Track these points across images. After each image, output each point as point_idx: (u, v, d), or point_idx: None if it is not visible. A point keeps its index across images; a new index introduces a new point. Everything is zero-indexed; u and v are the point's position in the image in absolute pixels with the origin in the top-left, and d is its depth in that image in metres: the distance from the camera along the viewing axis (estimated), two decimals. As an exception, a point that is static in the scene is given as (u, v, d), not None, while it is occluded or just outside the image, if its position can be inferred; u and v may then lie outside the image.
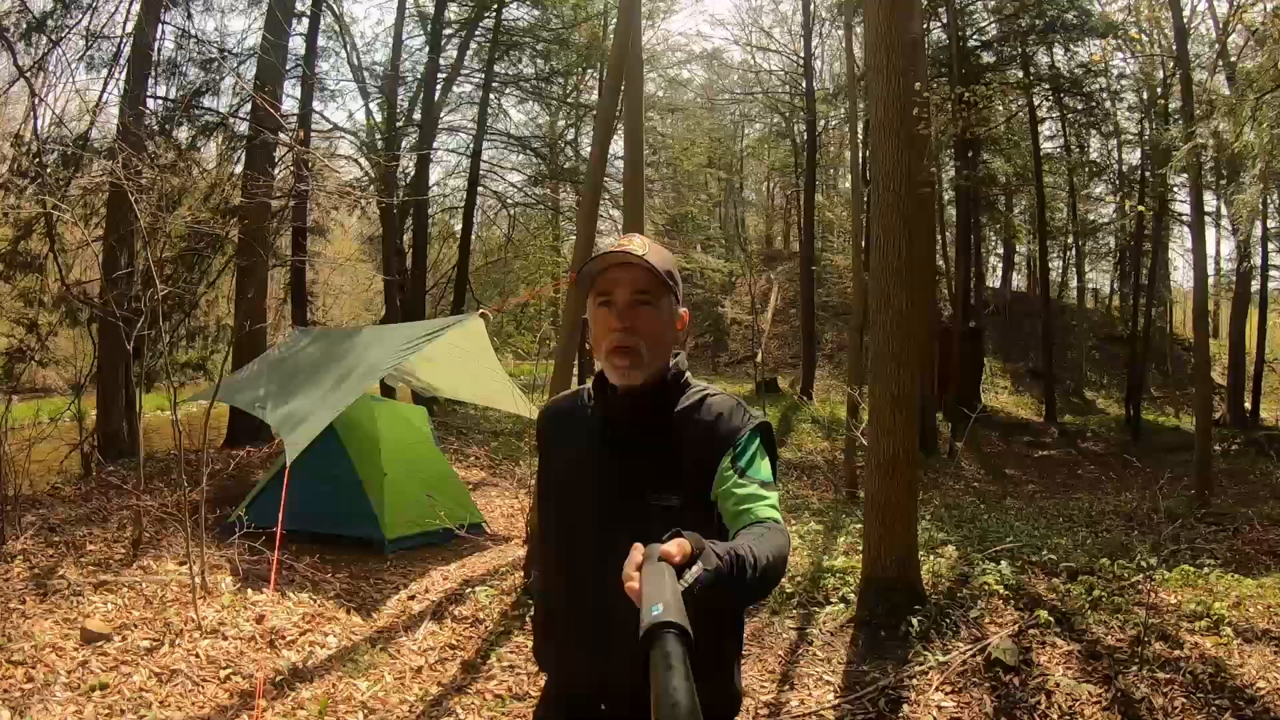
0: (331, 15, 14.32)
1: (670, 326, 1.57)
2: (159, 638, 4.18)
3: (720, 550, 1.12)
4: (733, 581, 1.11)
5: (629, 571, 1.04)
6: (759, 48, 20.90)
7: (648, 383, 1.55)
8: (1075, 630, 4.29)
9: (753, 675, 4.21)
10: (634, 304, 1.51)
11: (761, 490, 1.42)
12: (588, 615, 1.53)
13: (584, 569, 1.53)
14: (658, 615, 0.94)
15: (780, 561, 1.27)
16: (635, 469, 1.52)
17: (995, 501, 8.65)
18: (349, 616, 5.06)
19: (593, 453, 1.59)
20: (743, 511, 1.39)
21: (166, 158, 9.77)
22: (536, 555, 1.56)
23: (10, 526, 5.29)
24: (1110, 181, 19.82)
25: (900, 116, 4.77)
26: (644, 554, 1.06)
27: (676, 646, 0.91)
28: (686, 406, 1.56)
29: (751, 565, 1.16)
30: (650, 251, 1.51)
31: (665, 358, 1.57)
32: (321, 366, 6.79)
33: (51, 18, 9.47)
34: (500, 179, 19.48)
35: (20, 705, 3.37)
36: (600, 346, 1.55)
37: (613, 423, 1.59)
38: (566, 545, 1.63)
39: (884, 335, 4.87)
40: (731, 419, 1.52)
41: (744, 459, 1.46)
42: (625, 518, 1.46)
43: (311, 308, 14.17)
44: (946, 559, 5.53)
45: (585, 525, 1.58)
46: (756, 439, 1.52)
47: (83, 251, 9.19)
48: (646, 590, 1.00)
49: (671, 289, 1.55)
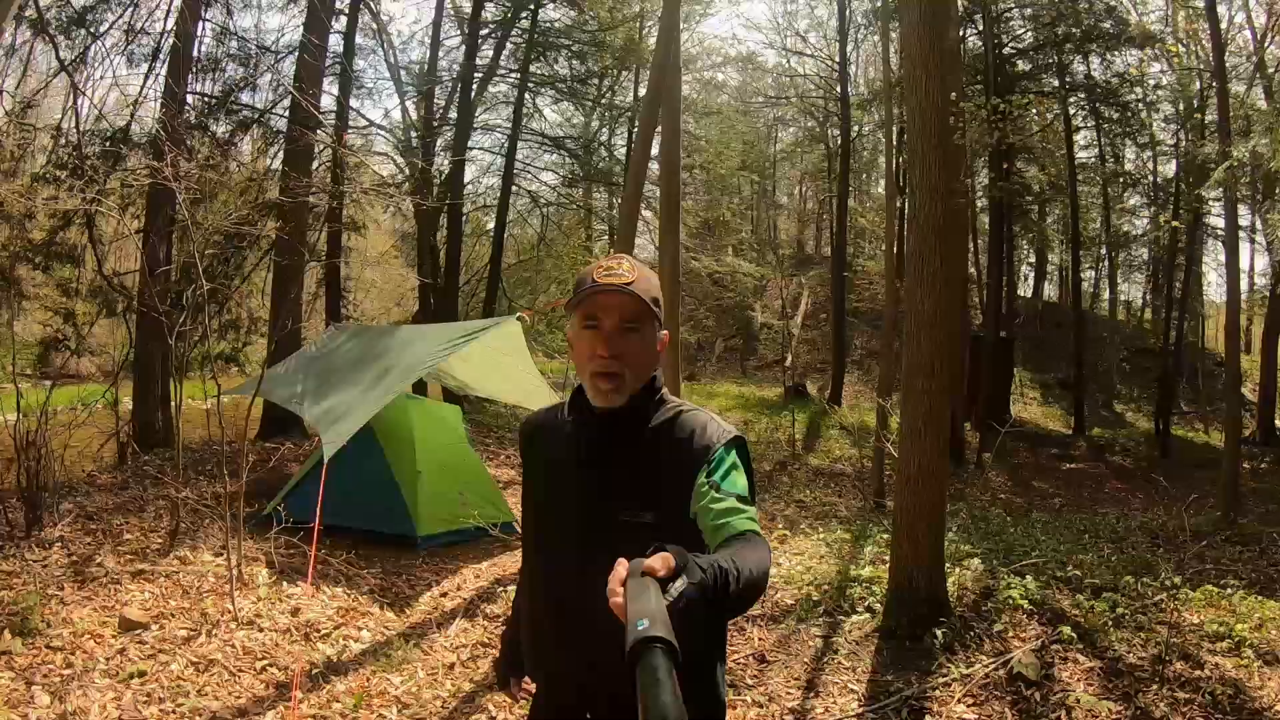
0: (369, 13, 14.49)
1: (652, 350, 1.60)
2: (196, 627, 4.26)
3: (703, 564, 1.13)
4: (717, 595, 1.12)
5: (614, 587, 1.05)
6: (793, 52, 20.78)
7: (628, 402, 1.57)
8: (1097, 647, 4.29)
9: (778, 681, 4.24)
10: (621, 332, 1.53)
11: (739, 504, 1.43)
12: (571, 629, 1.56)
13: (565, 583, 1.57)
14: (644, 630, 0.94)
15: (762, 573, 1.28)
16: (611, 486, 1.55)
17: (1022, 514, 8.59)
18: (382, 612, 5.13)
19: (571, 469, 1.62)
20: (722, 525, 1.39)
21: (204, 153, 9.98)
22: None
23: (48, 513, 5.41)
24: (1145, 193, 19.56)
25: (937, 127, 4.77)
26: (628, 569, 1.06)
27: (664, 661, 0.92)
28: (661, 423, 1.59)
29: (735, 578, 1.17)
30: (638, 279, 1.54)
31: (647, 378, 1.60)
32: (359, 364, 6.87)
33: (92, 12, 9.65)
34: (534, 178, 19.55)
35: (60, 690, 3.45)
36: (584, 368, 1.57)
37: (590, 440, 1.61)
38: (547, 560, 1.67)
39: (916, 347, 4.86)
40: (706, 434, 1.54)
41: (719, 473, 1.48)
42: (603, 534, 1.48)
43: (345, 303, 14.29)
44: (972, 571, 5.52)
45: (565, 541, 1.60)
46: (731, 453, 1.53)
47: (120, 243, 9.38)
48: (632, 605, 1.00)
49: (656, 314, 1.57)
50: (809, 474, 11.46)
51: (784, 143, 29.25)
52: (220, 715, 3.46)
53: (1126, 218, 19.74)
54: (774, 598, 5.57)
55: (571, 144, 19.39)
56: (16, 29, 8.62)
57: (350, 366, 6.93)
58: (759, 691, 4.11)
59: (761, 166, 26.71)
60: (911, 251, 5.04)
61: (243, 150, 12.48)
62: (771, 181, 30.50)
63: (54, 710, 3.28)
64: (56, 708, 3.31)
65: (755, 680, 4.28)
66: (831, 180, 21.14)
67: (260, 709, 3.57)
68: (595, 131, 20.24)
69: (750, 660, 4.56)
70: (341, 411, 6.03)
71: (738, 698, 4.05)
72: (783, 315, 21.64)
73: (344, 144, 11.43)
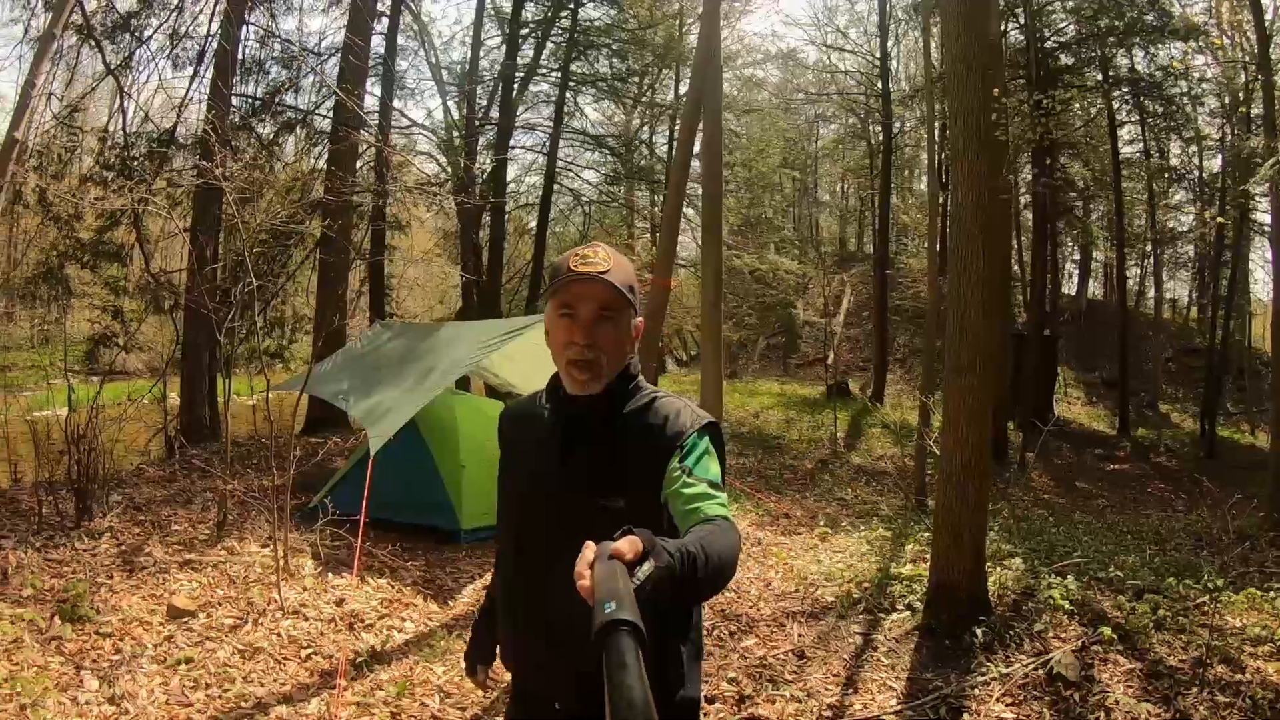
0: (410, 14, 14.67)
1: (628, 338, 1.60)
2: (242, 616, 4.35)
3: (671, 547, 1.13)
4: (684, 578, 1.12)
5: (581, 569, 1.04)
6: (834, 48, 20.64)
7: (602, 390, 1.58)
8: (1138, 649, 4.23)
9: (817, 678, 4.23)
10: (597, 320, 1.54)
11: (710, 489, 1.42)
12: (540, 615, 1.57)
13: (536, 570, 1.57)
14: (611, 612, 0.94)
15: (730, 559, 1.28)
16: (585, 472, 1.55)
17: (1064, 515, 8.46)
18: (426, 603, 5.19)
19: (545, 456, 1.62)
20: (692, 510, 1.39)
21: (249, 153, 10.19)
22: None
23: (98, 504, 5.55)
24: (1190, 188, 19.08)
25: (979, 123, 4.70)
26: (595, 552, 1.06)
27: (630, 644, 0.92)
28: (635, 409, 1.59)
29: (703, 563, 1.17)
30: (613, 267, 1.54)
31: (622, 366, 1.60)
32: (404, 362, 6.98)
33: (137, 17, 9.88)
34: (576, 176, 19.69)
35: (109, 675, 3.53)
36: (560, 356, 1.58)
37: (564, 427, 1.61)
38: (519, 546, 1.67)
39: (958, 346, 4.80)
40: (679, 420, 1.54)
41: (691, 459, 1.48)
42: (575, 519, 1.46)
43: (389, 300, 14.45)
44: (1013, 571, 5.46)
45: (537, 527, 1.61)
46: (704, 439, 1.53)
47: (168, 242, 9.61)
48: (599, 588, 1.00)
49: (631, 302, 1.57)
50: (851, 472, 11.39)
51: (825, 140, 29.05)
52: (266, 701, 3.53)
53: (1172, 214, 19.29)
54: (814, 594, 5.57)
55: (613, 142, 19.45)
56: (63, 33, 8.87)
57: (394, 364, 7.05)
58: (798, 687, 4.10)
59: (803, 163, 26.57)
60: (952, 249, 4.99)
61: (288, 150, 12.72)
62: (814, 179, 30.32)
63: (102, 694, 3.36)
64: (105, 691, 3.39)
65: (794, 676, 4.27)
66: (873, 177, 20.96)
67: (305, 696, 3.63)
68: (636, 129, 20.29)
69: (790, 656, 4.55)
70: (386, 408, 6.15)
71: (776, 693, 4.03)
72: (825, 313, 21.48)
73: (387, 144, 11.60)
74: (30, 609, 3.93)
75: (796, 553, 6.75)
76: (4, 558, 4.45)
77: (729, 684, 4.14)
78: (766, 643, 4.76)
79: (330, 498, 5.85)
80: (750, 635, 4.88)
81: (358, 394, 6.82)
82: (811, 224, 32.27)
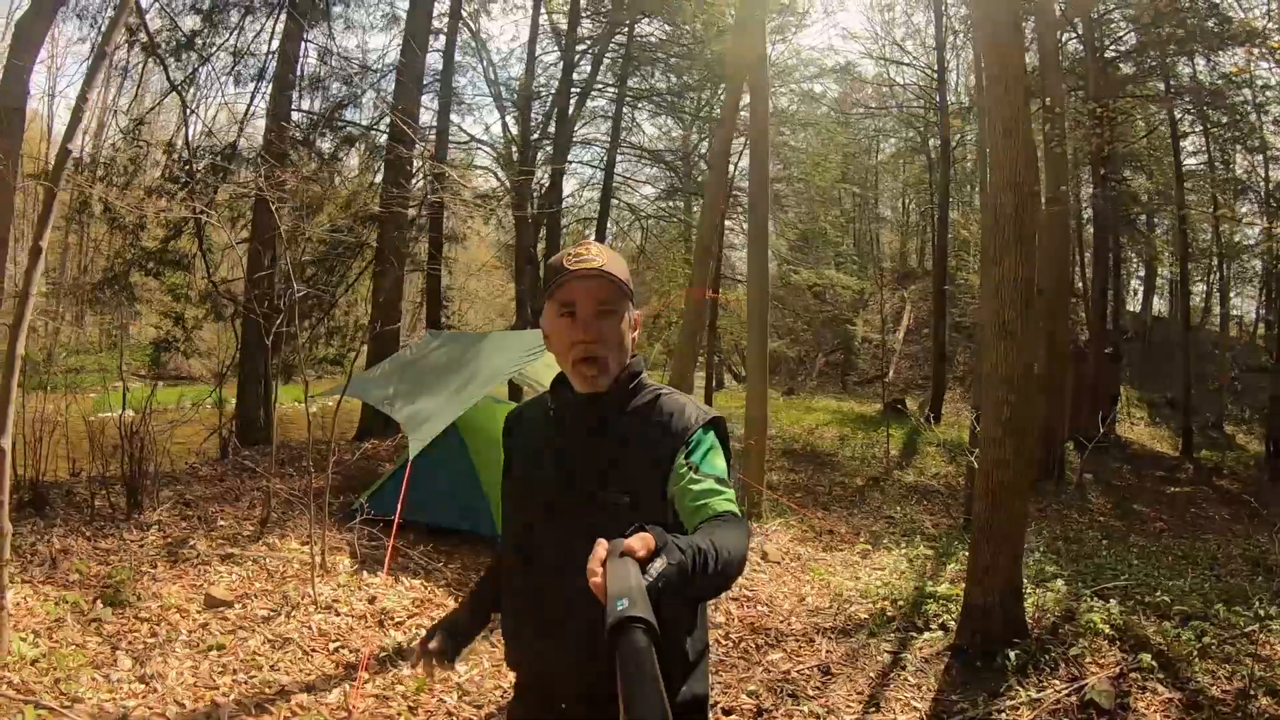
0: (468, 32, 15.04)
1: (629, 331, 1.60)
2: (276, 609, 4.48)
3: (682, 544, 1.13)
4: (695, 575, 1.12)
5: (593, 567, 1.04)
6: (892, 61, 20.44)
7: (609, 386, 1.58)
8: (1179, 677, 4.06)
9: (840, 695, 4.16)
10: (598, 315, 1.54)
11: (717, 485, 1.42)
12: (548, 614, 1.56)
13: (542, 569, 1.57)
14: (623, 610, 0.94)
15: (740, 555, 1.28)
16: (589, 468, 1.55)
17: (1119, 537, 8.16)
18: (455, 604, 5.27)
19: (550, 454, 1.63)
20: (700, 507, 1.39)
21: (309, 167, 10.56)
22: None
23: (149, 499, 5.78)
24: (1257, 201, 18.24)
25: (1010, 127, 4.62)
26: (607, 549, 1.06)
27: (644, 640, 0.92)
28: (640, 405, 1.59)
29: (714, 559, 1.17)
30: (608, 261, 1.55)
31: (626, 361, 1.61)
32: (449, 369, 7.12)
33: (200, 35, 10.34)
34: (634, 191, 19.77)
35: (142, 656, 3.69)
36: (565, 355, 1.57)
37: (570, 424, 1.62)
38: (525, 546, 1.66)
39: (994, 358, 4.71)
40: (684, 415, 1.54)
41: (697, 454, 1.47)
42: (579, 516, 1.49)
43: (446, 312, 14.74)
44: (1055, 593, 5.29)
45: (542, 524, 1.61)
46: (710, 434, 1.53)
47: (229, 252, 9.99)
48: (611, 585, 1.00)
49: (628, 294, 1.58)
50: (901, 490, 11.20)
51: (885, 154, 28.69)
52: (289, 689, 3.63)
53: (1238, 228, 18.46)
54: (847, 611, 5.49)
55: (670, 157, 19.52)
56: (130, 50, 9.36)
57: (440, 371, 7.19)
58: (819, 703, 4.04)
59: (863, 178, 26.24)
60: (986, 258, 4.91)
61: (348, 164, 13.14)
62: (874, 194, 29.91)
63: (134, 673, 3.51)
64: (137, 670, 3.54)
65: (817, 692, 4.20)
66: (932, 192, 20.63)
67: (327, 686, 3.72)
68: (694, 144, 20.30)
69: (814, 672, 4.48)
70: (428, 414, 6.27)
71: (796, 708, 3.98)
72: (883, 329, 21.18)
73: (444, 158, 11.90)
74: (75, 592, 4.12)
75: (836, 569, 6.67)
76: (55, 545, 4.67)
77: (748, 696, 4.10)
78: (793, 657, 4.70)
79: (373, 499, 6.01)
80: (777, 649, 4.83)
81: (403, 400, 6.96)
82: (872, 239, 31.83)
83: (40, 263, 3.30)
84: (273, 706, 3.45)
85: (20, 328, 3.30)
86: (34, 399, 6.18)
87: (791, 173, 18.96)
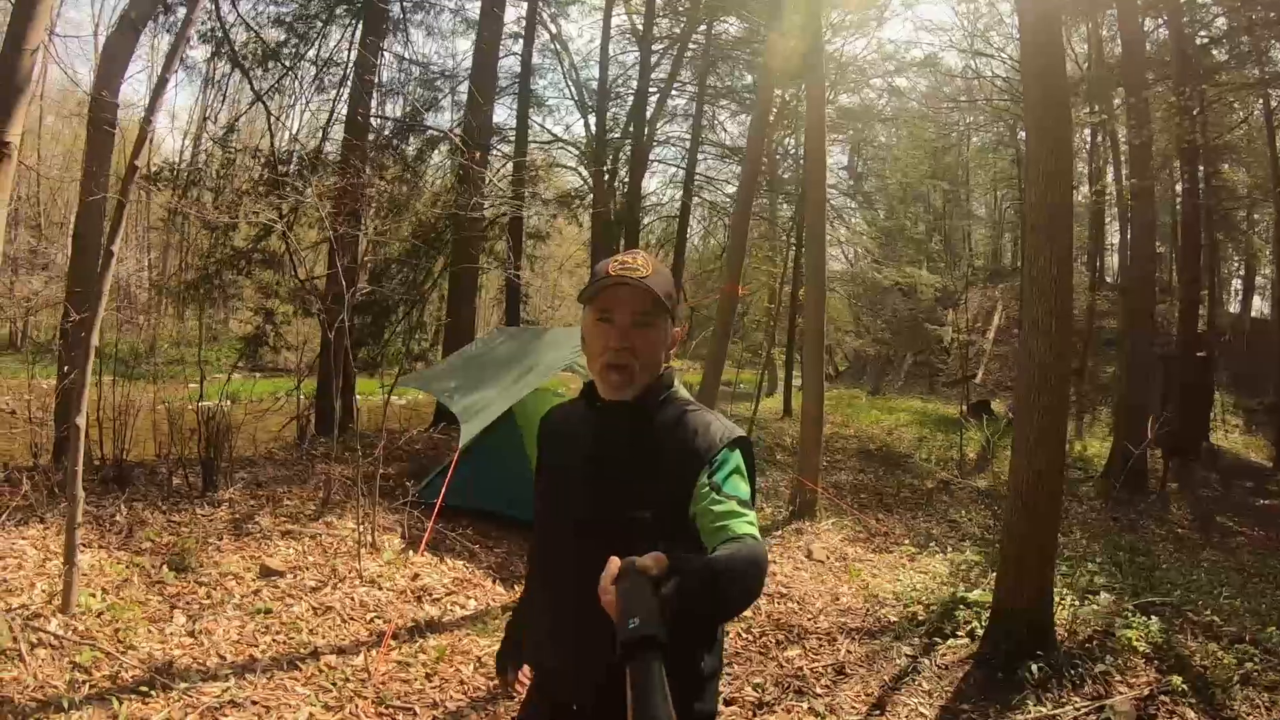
0: (548, 34, 15.47)
1: (664, 344, 1.61)
2: (324, 580, 4.84)
3: (697, 565, 1.14)
4: (708, 596, 1.13)
5: (605, 585, 1.05)
6: (977, 53, 19.76)
7: (635, 397, 1.59)
8: (1213, 703, 3.88)
9: (847, 695, 4.18)
10: (634, 325, 1.55)
11: (739, 507, 1.41)
12: (564, 621, 1.59)
13: (561, 577, 1.60)
14: (635, 628, 0.95)
15: (755, 579, 1.27)
16: (612, 481, 1.55)
17: (1191, 551, 7.76)
18: (493, 586, 5.51)
19: (575, 464, 1.64)
20: (720, 528, 1.38)
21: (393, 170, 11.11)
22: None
23: (224, 479, 6.30)
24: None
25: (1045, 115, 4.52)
26: (621, 567, 1.07)
27: (654, 660, 0.93)
28: (666, 419, 1.58)
29: (727, 581, 1.18)
30: (651, 273, 1.55)
31: (656, 373, 1.61)
32: (508, 363, 7.44)
33: (286, 46, 10.99)
34: (717, 190, 19.78)
35: (195, 615, 4.09)
36: (595, 360, 1.59)
37: (594, 435, 1.63)
38: (546, 552, 1.72)
39: (1029, 356, 4.63)
40: (709, 433, 1.53)
41: (720, 475, 1.47)
42: (600, 529, 1.49)
43: (526, 308, 15.06)
44: (1097, 605, 5.13)
45: (563, 534, 1.63)
46: (735, 454, 1.52)
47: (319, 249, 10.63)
48: (623, 603, 1.00)
49: (669, 309, 1.58)
50: (971, 495, 10.92)
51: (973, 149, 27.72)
52: (321, 651, 3.96)
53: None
54: (878, 613, 5.47)
55: (752, 154, 19.43)
56: (216, 63, 10.11)
57: (500, 365, 7.51)
58: (823, 702, 4.06)
59: (954, 174, 25.45)
60: (1026, 258, 4.81)
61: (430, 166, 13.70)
62: (965, 190, 28.92)
63: (185, 629, 3.91)
64: (188, 627, 3.93)
65: (825, 690, 4.22)
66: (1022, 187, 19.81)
67: (356, 650, 4.04)
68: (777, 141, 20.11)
69: (828, 670, 4.50)
70: (482, 405, 6.56)
71: (797, 704, 4.03)
72: (970, 329, 20.54)
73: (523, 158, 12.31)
74: (145, 558, 4.58)
75: (880, 571, 6.62)
76: (133, 516, 5.18)
77: (753, 689, 4.16)
78: (810, 655, 4.73)
79: (431, 485, 6.34)
80: (796, 646, 4.86)
81: (463, 392, 7.29)
82: (964, 236, 30.74)
83: (111, 266, 3.69)
84: (303, 664, 3.78)
85: (94, 322, 3.72)
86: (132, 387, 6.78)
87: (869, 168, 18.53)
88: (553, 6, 15.62)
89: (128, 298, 11.52)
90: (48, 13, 3.06)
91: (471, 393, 7.08)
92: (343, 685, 3.65)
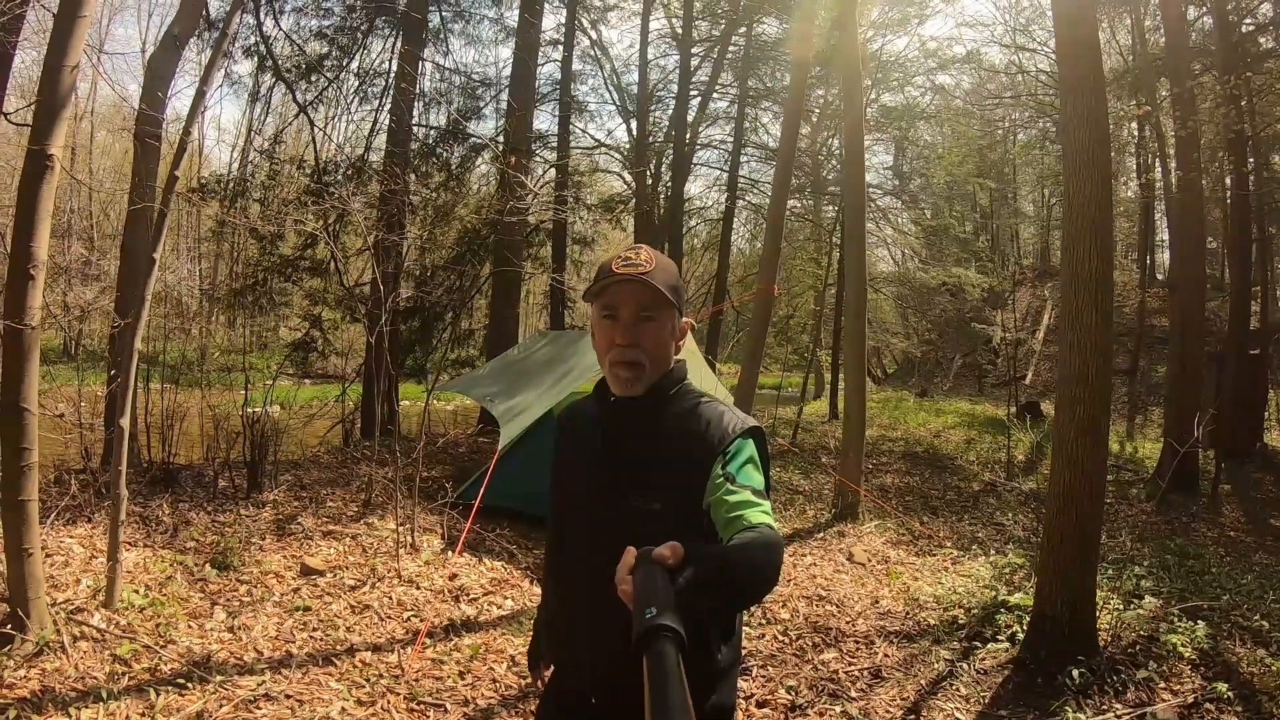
0: (589, 40, 15.62)
1: (671, 339, 1.61)
2: (363, 579, 4.94)
3: (713, 554, 1.15)
4: (725, 585, 1.12)
5: (621, 575, 1.05)
6: (1019, 48, 19.39)
7: (646, 392, 1.59)
8: (1260, 711, 3.76)
9: (883, 699, 4.13)
10: (639, 320, 1.55)
11: (754, 497, 1.41)
12: (579, 613, 1.61)
13: (576, 569, 1.63)
14: (651, 618, 0.95)
15: (771, 568, 1.27)
16: (625, 474, 1.56)
17: (1243, 554, 7.49)
18: (531, 586, 5.56)
19: (589, 457, 1.66)
20: (735, 518, 1.38)
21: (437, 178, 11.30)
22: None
23: (269, 481, 6.47)
24: None
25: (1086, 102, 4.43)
26: (637, 556, 1.06)
27: (671, 650, 0.92)
28: (679, 413, 1.59)
29: (744, 571, 1.18)
30: (655, 268, 1.54)
31: (666, 368, 1.61)
32: (546, 367, 7.53)
33: (328, 58, 11.24)
34: (761, 193, 19.67)
35: (235, 611, 4.22)
36: (604, 357, 1.60)
37: (608, 429, 1.64)
38: (561, 545, 1.73)
39: (1069, 353, 4.53)
40: (722, 424, 1.54)
41: (735, 465, 1.46)
42: (614, 521, 1.51)
43: (571, 312, 15.19)
44: (1142, 610, 4.98)
45: (578, 527, 1.65)
46: (749, 444, 1.52)
47: (362, 259, 10.86)
48: (640, 593, 1.00)
49: (674, 304, 1.57)
50: (1019, 497, 10.69)
51: (1019, 145, 27.12)
52: (356, 648, 4.04)
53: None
54: (918, 616, 5.39)
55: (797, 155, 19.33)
56: (261, 76, 10.39)
57: (538, 369, 7.61)
58: (857, 705, 4.02)
59: (1000, 171, 24.97)
60: (1064, 246, 4.70)
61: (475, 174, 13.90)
62: (1011, 187, 28.34)
63: (224, 624, 4.03)
64: (227, 622, 4.06)
65: (860, 694, 4.18)
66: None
67: (391, 648, 4.11)
68: (821, 143, 19.92)
69: (864, 674, 4.46)
70: (521, 409, 6.67)
71: (830, 707, 4.00)
72: (1016, 328, 20.11)
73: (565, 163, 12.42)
74: (189, 557, 4.74)
75: (921, 574, 6.52)
76: (178, 516, 5.35)
77: (786, 691, 4.14)
78: (847, 658, 4.69)
79: (472, 488, 6.42)
80: (833, 649, 4.82)
81: (502, 396, 7.40)
82: (1012, 234, 30.07)
83: (154, 272, 3.83)
84: (338, 660, 3.87)
85: (136, 327, 3.86)
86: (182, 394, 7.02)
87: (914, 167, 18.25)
88: (592, 13, 15.75)
89: (178, 306, 11.92)
90: (86, 31, 3.18)
91: (511, 396, 7.18)
92: (376, 681, 3.73)
